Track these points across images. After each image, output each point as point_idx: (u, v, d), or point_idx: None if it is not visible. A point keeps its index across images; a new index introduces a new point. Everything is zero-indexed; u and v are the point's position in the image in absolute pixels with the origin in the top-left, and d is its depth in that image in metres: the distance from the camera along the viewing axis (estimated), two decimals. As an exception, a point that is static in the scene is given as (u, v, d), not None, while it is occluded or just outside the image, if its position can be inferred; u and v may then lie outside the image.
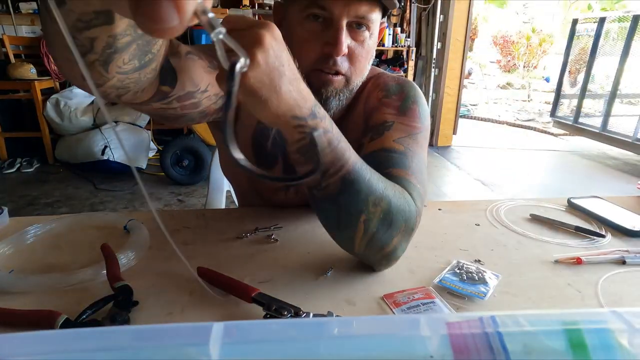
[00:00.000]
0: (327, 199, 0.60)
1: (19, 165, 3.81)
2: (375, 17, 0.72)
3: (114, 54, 0.44)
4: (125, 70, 0.47)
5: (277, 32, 0.47)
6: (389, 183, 0.64)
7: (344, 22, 0.69)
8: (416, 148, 0.75)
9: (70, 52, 0.37)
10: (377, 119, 0.79)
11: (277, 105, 0.49)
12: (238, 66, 0.36)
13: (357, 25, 0.71)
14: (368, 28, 0.72)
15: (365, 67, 0.77)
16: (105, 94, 0.50)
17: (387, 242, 0.64)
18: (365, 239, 0.63)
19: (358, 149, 0.79)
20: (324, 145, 0.55)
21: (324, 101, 0.75)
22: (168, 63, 0.55)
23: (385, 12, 0.75)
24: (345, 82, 0.75)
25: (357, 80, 0.77)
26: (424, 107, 0.82)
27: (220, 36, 0.30)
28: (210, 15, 0.28)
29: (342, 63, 0.72)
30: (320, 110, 0.56)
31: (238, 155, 0.36)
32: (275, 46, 0.46)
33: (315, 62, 0.72)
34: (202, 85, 0.65)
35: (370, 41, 0.74)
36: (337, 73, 0.73)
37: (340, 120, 0.84)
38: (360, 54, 0.73)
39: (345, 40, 0.70)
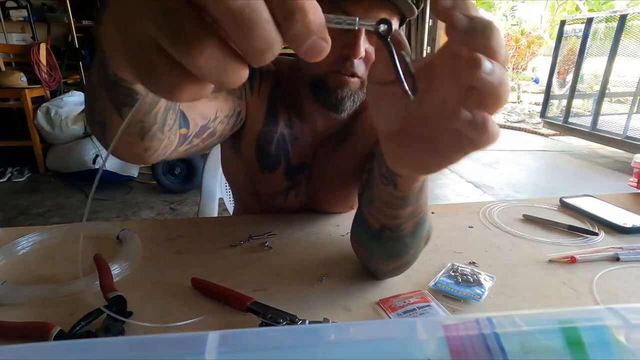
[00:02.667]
0: (396, 240, 0.60)
1: (9, 174, 3.77)
2: (394, 24, 0.73)
3: (166, 112, 0.45)
4: (171, 125, 0.50)
5: None
6: (428, 209, 0.65)
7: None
8: None
9: (133, 133, 0.44)
10: None
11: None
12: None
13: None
14: None
15: None
16: (157, 156, 0.55)
17: (413, 262, 0.66)
18: (401, 266, 0.65)
19: (371, 151, 0.80)
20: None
21: (339, 102, 0.76)
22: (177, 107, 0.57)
23: (402, 21, 0.77)
24: (361, 84, 0.76)
25: None
26: None
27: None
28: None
29: (359, 66, 0.73)
30: None
31: None
32: None
33: (332, 63, 0.73)
34: (211, 114, 0.70)
35: None
36: (354, 75, 0.74)
37: (353, 121, 0.87)
38: None
39: (364, 44, 0.71)
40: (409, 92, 0.29)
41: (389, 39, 0.28)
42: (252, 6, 0.21)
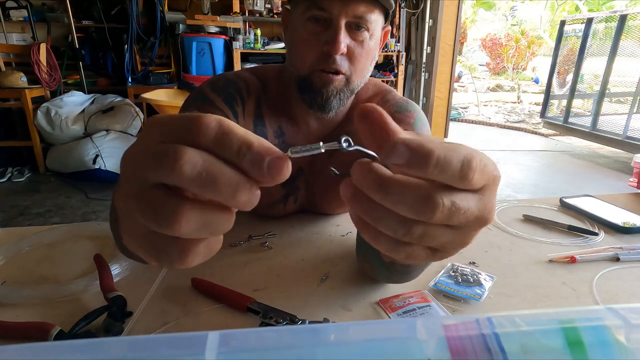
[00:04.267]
0: (406, 272, 0.59)
1: (9, 174, 3.77)
2: (375, 18, 0.73)
3: None
4: None
5: None
6: None
7: (343, 22, 0.71)
8: None
9: None
10: None
11: None
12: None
13: (357, 27, 0.73)
14: (367, 29, 0.74)
15: (365, 67, 0.78)
16: None
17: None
18: (407, 279, 0.65)
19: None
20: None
21: (325, 101, 0.75)
22: None
23: (387, 15, 0.77)
24: (346, 81, 0.75)
25: (358, 81, 0.77)
26: (429, 132, 0.87)
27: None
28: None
29: (342, 62, 0.73)
30: None
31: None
32: None
33: (315, 62, 0.73)
34: None
35: (370, 42, 0.75)
36: (337, 72, 0.74)
37: (348, 122, 0.86)
38: (360, 53, 0.74)
39: (344, 40, 0.71)
40: None
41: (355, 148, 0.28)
42: (206, 168, 0.25)
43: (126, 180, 0.27)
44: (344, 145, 0.27)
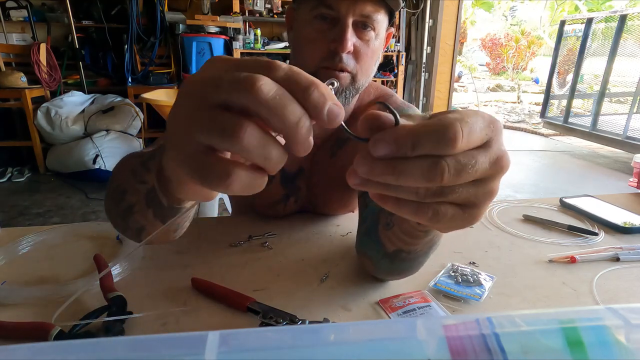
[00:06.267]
0: (409, 260, 0.59)
1: (10, 174, 3.77)
2: (381, 18, 0.74)
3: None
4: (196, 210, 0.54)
5: None
6: None
7: (350, 21, 0.71)
8: None
9: (170, 232, 0.57)
10: None
11: None
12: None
13: (363, 26, 0.73)
14: (373, 29, 0.74)
15: (371, 67, 0.78)
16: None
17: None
18: (407, 275, 0.65)
19: None
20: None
21: None
22: None
23: (391, 17, 0.77)
24: (352, 79, 0.76)
25: (363, 80, 0.78)
26: None
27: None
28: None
29: (348, 60, 0.73)
30: None
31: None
32: None
33: (322, 60, 0.74)
34: None
35: (375, 42, 0.76)
36: (343, 70, 0.74)
37: (350, 127, 0.85)
38: (365, 52, 0.75)
39: (351, 38, 0.72)
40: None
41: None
42: (279, 94, 0.27)
43: (188, 97, 0.30)
44: (329, 86, 0.30)
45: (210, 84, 0.28)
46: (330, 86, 0.31)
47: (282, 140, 0.29)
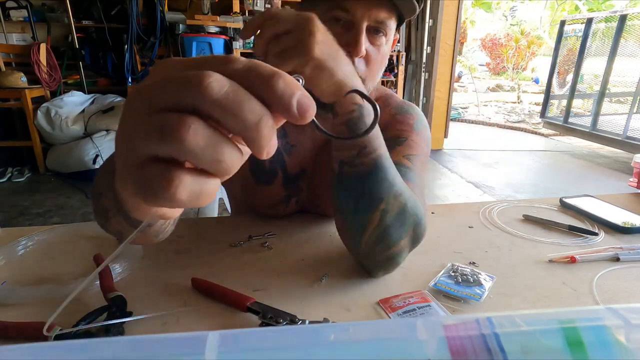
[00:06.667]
0: (356, 177, 0.62)
1: (9, 174, 3.77)
2: (392, 24, 0.75)
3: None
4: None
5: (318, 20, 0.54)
6: (407, 186, 0.67)
7: (364, 25, 0.71)
8: (421, 168, 0.79)
9: (151, 235, 0.56)
10: (391, 132, 0.82)
11: (341, 74, 0.55)
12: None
13: (375, 31, 0.74)
14: (385, 34, 0.75)
15: (379, 72, 0.78)
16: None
17: (396, 241, 0.65)
18: (377, 231, 0.63)
19: None
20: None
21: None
22: None
23: (399, 23, 0.77)
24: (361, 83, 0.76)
25: (371, 84, 0.78)
26: (429, 134, 0.88)
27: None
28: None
29: (359, 65, 0.73)
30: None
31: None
32: (322, 27, 0.53)
33: None
34: None
35: (385, 47, 0.76)
36: None
37: None
38: (376, 58, 0.75)
39: (365, 43, 0.72)
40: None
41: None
42: (233, 90, 0.24)
43: (133, 106, 0.26)
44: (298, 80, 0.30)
45: (156, 88, 0.25)
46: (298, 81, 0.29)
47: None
